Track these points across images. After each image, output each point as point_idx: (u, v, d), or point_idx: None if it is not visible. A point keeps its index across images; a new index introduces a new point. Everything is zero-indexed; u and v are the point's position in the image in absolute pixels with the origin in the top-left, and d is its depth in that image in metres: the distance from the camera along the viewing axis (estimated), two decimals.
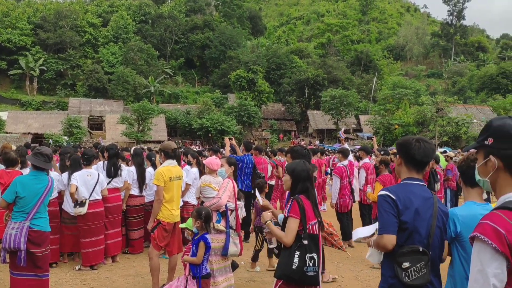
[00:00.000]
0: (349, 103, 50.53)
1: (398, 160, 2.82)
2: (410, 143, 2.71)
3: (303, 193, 3.57)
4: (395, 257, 2.55)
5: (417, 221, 2.55)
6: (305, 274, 3.31)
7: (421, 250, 2.51)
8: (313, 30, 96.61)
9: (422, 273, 2.49)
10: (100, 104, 56.60)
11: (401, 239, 2.55)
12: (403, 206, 2.56)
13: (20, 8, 72.01)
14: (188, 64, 76.00)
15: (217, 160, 5.40)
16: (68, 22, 67.01)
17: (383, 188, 2.73)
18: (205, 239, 4.60)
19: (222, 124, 46.68)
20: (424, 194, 2.65)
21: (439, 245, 2.65)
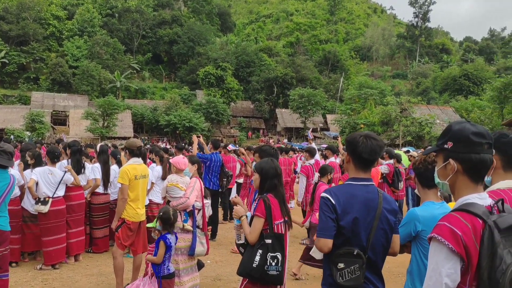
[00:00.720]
0: (316, 102, 51.12)
1: (346, 158, 2.81)
2: (358, 141, 2.70)
3: (271, 192, 3.56)
4: (331, 257, 2.60)
5: (356, 226, 2.57)
6: (266, 272, 3.31)
7: (355, 253, 2.55)
8: (282, 28, 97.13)
9: (356, 275, 2.53)
10: (64, 99, 55.16)
11: (339, 241, 2.59)
12: (342, 211, 2.57)
13: None
14: (155, 59, 75.04)
15: (184, 159, 5.34)
16: (31, 14, 64.91)
17: (325, 190, 2.71)
18: (165, 239, 4.56)
19: (190, 121, 46.37)
20: (368, 196, 2.65)
21: (382, 246, 2.67)
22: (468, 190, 1.93)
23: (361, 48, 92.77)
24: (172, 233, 4.69)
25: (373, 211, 2.62)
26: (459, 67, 69.69)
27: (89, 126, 44.14)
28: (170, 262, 4.63)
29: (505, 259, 1.68)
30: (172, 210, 4.78)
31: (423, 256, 2.77)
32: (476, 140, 1.91)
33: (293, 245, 7.90)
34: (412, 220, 2.85)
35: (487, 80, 53.15)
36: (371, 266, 2.61)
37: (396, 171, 9.74)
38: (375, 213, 2.62)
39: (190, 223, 4.90)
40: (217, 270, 6.79)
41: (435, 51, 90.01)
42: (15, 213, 6.50)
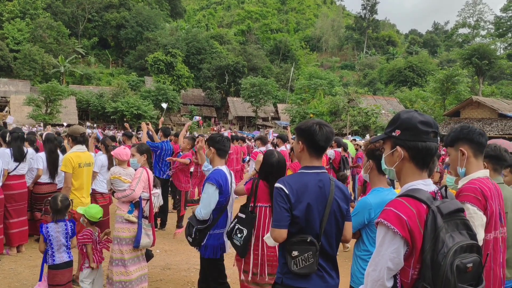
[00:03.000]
0: (268, 91, 51.46)
1: (299, 146, 2.78)
2: (314, 129, 2.72)
3: (264, 180, 3.90)
4: (286, 245, 2.64)
5: (309, 214, 2.61)
6: (232, 239, 3.82)
7: (308, 240, 2.59)
8: (234, 16, 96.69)
9: (310, 263, 2.58)
10: (4, 84, 52.44)
11: (293, 230, 2.62)
12: (295, 200, 2.59)
13: None
14: (101, 44, 72.68)
15: (125, 150, 5.17)
16: None
17: (278, 180, 2.72)
18: (41, 227, 4.40)
19: (138, 108, 45.44)
20: (320, 184, 2.67)
21: (335, 233, 2.72)
22: (414, 176, 1.99)
23: (311, 39, 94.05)
24: (59, 221, 4.43)
25: (325, 199, 2.65)
26: (404, 59, 72.24)
27: (31, 113, 42.26)
28: (56, 251, 4.42)
29: (447, 243, 1.76)
30: (61, 196, 4.57)
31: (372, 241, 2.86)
32: (423, 129, 1.97)
33: None
34: (365, 208, 2.92)
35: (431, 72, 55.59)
36: (324, 254, 2.65)
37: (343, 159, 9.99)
38: (326, 200, 2.65)
39: (136, 213, 4.78)
40: (166, 259, 6.72)
41: (382, 43, 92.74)
42: None
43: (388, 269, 1.82)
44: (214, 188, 3.97)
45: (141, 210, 4.77)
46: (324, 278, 2.66)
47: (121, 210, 4.80)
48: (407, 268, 1.83)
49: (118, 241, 4.75)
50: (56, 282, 4.36)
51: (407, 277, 1.84)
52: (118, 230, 4.76)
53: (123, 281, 4.70)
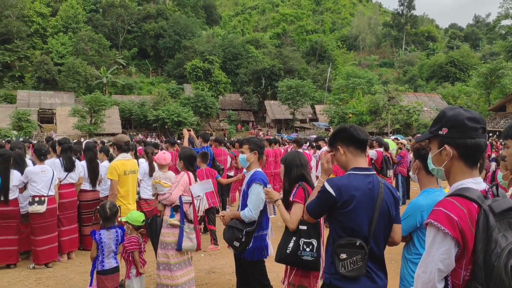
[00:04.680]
0: (305, 93, 51.14)
1: (340, 152, 2.78)
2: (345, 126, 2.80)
3: (303, 180, 3.70)
4: (334, 247, 2.62)
5: (358, 217, 2.59)
6: (300, 258, 3.38)
7: (357, 244, 2.57)
8: (268, 20, 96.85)
9: (358, 266, 2.55)
10: (50, 97, 54.55)
11: (341, 232, 2.61)
12: (342, 204, 2.58)
13: None
14: (141, 54, 74.45)
15: (164, 155, 5.31)
16: (14, 12, 63.90)
17: (328, 180, 2.71)
18: (93, 234, 4.54)
19: (178, 115, 46.16)
20: (369, 186, 2.65)
21: (384, 236, 2.70)
22: (464, 175, 1.94)
23: (347, 38, 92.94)
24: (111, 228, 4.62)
25: (374, 202, 2.63)
26: (445, 54, 70.16)
27: (76, 124, 43.76)
28: (106, 257, 4.57)
29: (500, 243, 1.70)
30: (109, 204, 4.73)
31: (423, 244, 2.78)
32: (471, 125, 1.91)
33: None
34: (416, 210, 2.84)
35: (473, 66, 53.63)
36: (372, 255, 2.63)
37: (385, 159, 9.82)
38: (376, 202, 2.63)
39: (177, 217, 4.86)
40: (211, 263, 6.80)
41: (421, 39, 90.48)
42: (14, 214, 6.45)
43: (439, 271, 1.78)
44: (262, 188, 4.00)
45: (182, 213, 4.85)
46: (373, 279, 2.63)
47: (165, 214, 4.91)
48: (459, 269, 1.78)
49: (164, 245, 4.85)
50: (105, 287, 4.50)
51: (458, 279, 1.79)
52: (163, 235, 4.87)
53: (170, 285, 4.79)
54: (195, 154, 5.27)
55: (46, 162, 6.71)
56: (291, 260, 3.43)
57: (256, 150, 4.30)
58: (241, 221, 4.07)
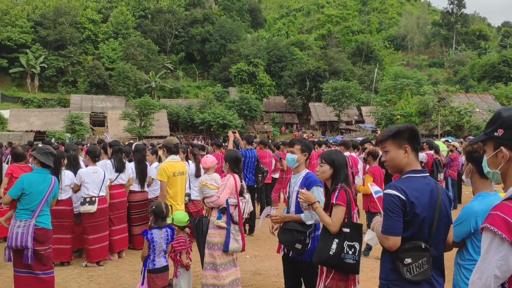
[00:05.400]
0: (350, 95, 50.39)
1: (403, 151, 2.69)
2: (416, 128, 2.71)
3: (345, 182, 3.63)
4: (397, 253, 2.55)
5: (422, 219, 2.54)
6: (343, 260, 3.34)
7: (423, 247, 2.52)
8: (313, 21, 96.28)
9: (424, 269, 2.50)
10: (101, 101, 56.61)
11: (404, 235, 2.55)
12: (410, 207, 2.52)
13: (19, 6, 71.86)
14: (188, 58, 75.86)
15: (209, 157, 5.39)
16: (67, 19, 66.84)
17: (389, 186, 2.63)
18: (145, 234, 4.64)
19: (223, 118, 46.69)
20: (428, 187, 2.61)
21: (443, 238, 2.64)
22: None
23: (395, 38, 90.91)
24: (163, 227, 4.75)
25: (434, 203, 2.58)
26: (497, 54, 67.27)
27: (126, 126, 45.13)
28: (157, 256, 4.68)
29: None
30: (164, 203, 4.86)
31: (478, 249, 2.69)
32: None
33: None
34: (470, 216, 2.75)
35: None
36: (434, 260, 2.59)
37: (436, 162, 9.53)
38: (436, 204, 2.58)
39: (224, 219, 4.92)
40: (256, 264, 6.82)
41: (472, 38, 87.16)
42: (67, 213, 6.74)
43: (495, 277, 1.70)
44: (322, 189, 3.98)
45: (229, 215, 4.90)
46: (433, 285, 2.58)
47: (212, 216, 4.98)
48: None
49: (211, 246, 4.91)
50: (155, 286, 4.63)
51: None
52: (210, 236, 4.93)
53: (216, 285, 4.84)
54: (240, 156, 5.31)
55: (98, 164, 6.98)
56: (333, 263, 3.38)
57: (306, 152, 4.29)
58: (300, 223, 4.01)
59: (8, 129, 46.63)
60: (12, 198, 4.70)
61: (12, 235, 4.59)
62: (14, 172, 7.15)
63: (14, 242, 4.58)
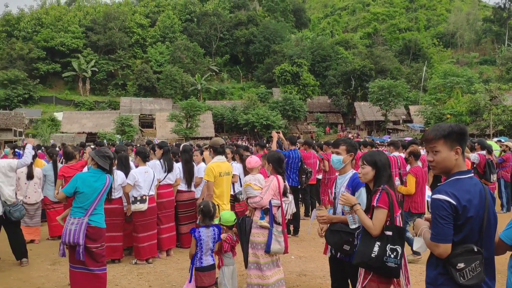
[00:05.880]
0: (398, 94, 49.16)
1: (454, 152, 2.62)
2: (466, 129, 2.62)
3: (387, 183, 3.55)
4: (448, 258, 2.50)
5: (473, 221, 2.48)
6: (385, 264, 3.30)
7: (475, 250, 2.45)
8: (359, 20, 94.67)
9: (477, 272, 2.44)
10: (150, 103, 58.15)
11: (455, 239, 2.49)
12: (462, 210, 2.46)
13: (71, 12, 75.04)
14: (233, 60, 76.55)
15: (254, 158, 5.43)
16: (117, 24, 69.09)
17: (438, 190, 2.57)
18: (193, 232, 4.75)
19: (267, 119, 46.77)
20: (476, 188, 2.54)
21: (493, 239, 2.57)
22: None
23: (444, 35, 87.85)
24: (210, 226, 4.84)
25: (483, 203, 2.52)
26: None
27: (174, 128, 46.08)
28: (204, 254, 4.76)
29: None
30: (211, 203, 4.96)
31: None
32: None
33: None
34: None
35: None
36: (486, 263, 2.53)
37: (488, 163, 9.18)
38: (484, 205, 2.52)
39: (267, 219, 4.95)
40: (301, 265, 6.81)
41: None
42: (119, 212, 7.02)
43: None
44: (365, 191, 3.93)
45: (271, 216, 4.93)
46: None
47: (255, 216, 5.03)
48: None
49: (254, 245, 4.96)
50: (203, 284, 4.73)
51: None
52: (253, 235, 4.98)
53: (261, 285, 4.88)
54: (282, 157, 5.33)
55: (148, 164, 7.21)
56: (374, 265, 3.33)
57: (352, 152, 4.25)
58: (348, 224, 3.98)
59: (62, 130, 48.78)
60: (66, 195, 4.92)
61: (66, 231, 4.79)
62: (65, 173, 7.60)
63: (68, 238, 4.77)
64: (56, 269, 6.69)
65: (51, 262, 7.06)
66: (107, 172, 5.16)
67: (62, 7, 79.69)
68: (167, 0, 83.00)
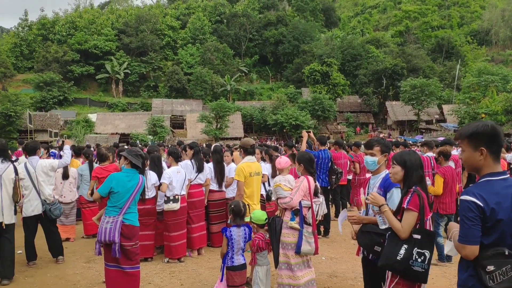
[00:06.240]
0: (431, 92, 48.13)
1: (479, 153, 2.56)
2: (498, 130, 2.53)
3: (418, 185, 3.46)
4: (478, 260, 2.45)
5: (504, 224, 2.41)
6: (410, 267, 3.22)
7: (506, 253, 2.40)
8: (390, 18, 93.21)
9: (508, 277, 2.37)
10: (180, 104, 58.89)
11: (485, 242, 2.44)
12: (490, 213, 2.40)
13: (104, 15, 76.73)
14: (262, 60, 76.67)
15: (284, 159, 5.42)
16: (148, 26, 70.28)
17: (466, 191, 2.52)
18: (224, 231, 4.80)
19: (296, 119, 46.60)
20: (508, 191, 2.47)
21: None
22: None
23: (478, 32, 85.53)
24: (241, 226, 4.88)
25: None
26: None
27: (204, 128, 46.53)
28: (235, 254, 4.80)
29: None
30: (242, 202, 4.98)
31: None
32: None
33: None
34: None
35: None
36: None
37: None
38: None
39: (297, 220, 4.94)
40: (332, 266, 6.78)
41: None
42: (152, 211, 7.17)
43: None
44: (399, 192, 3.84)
45: (301, 217, 4.91)
46: None
47: (286, 216, 5.04)
48: None
49: (284, 245, 4.96)
50: (234, 283, 4.77)
51: None
52: (283, 235, 4.98)
53: (292, 285, 4.88)
54: (313, 157, 5.31)
55: (180, 164, 7.32)
56: (399, 268, 3.26)
57: (386, 152, 4.19)
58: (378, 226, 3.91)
59: (96, 131, 49.98)
60: (101, 195, 5.06)
61: (101, 230, 4.91)
62: (98, 174, 7.80)
63: (103, 237, 4.89)
64: (91, 267, 6.87)
65: (86, 260, 7.26)
66: (140, 172, 5.27)
67: (95, 10, 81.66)
68: (197, 2, 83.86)
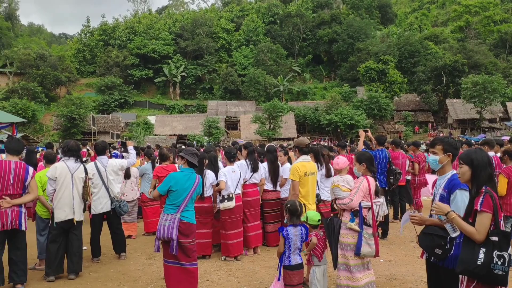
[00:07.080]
0: (494, 90, 45.79)
1: None
2: None
3: (488, 184, 3.32)
4: None
5: None
6: (492, 271, 3.10)
7: None
8: (449, 13, 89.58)
9: None
10: (234, 105, 59.69)
11: None
12: None
13: (162, 20, 79.04)
14: (315, 60, 76.07)
15: (342, 159, 5.33)
16: (204, 30, 71.69)
17: None
18: (281, 230, 4.77)
19: (351, 118, 45.85)
20: None
21: None
22: None
23: None
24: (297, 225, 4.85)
25: None
26: None
27: (257, 129, 46.87)
28: (292, 253, 4.76)
29: None
30: (298, 202, 4.94)
31: None
32: None
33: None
34: None
35: None
36: None
37: None
38: None
39: (357, 222, 4.86)
40: (391, 269, 6.61)
41: None
42: (210, 209, 7.32)
43: None
44: (467, 193, 3.64)
45: (361, 218, 4.83)
46: None
47: (344, 217, 4.97)
48: None
49: (343, 246, 4.90)
50: (291, 283, 4.77)
51: None
52: (342, 236, 4.92)
53: (350, 286, 4.81)
54: (373, 156, 5.22)
55: (235, 164, 7.43)
56: (481, 273, 3.11)
57: (450, 152, 4.01)
58: (441, 228, 3.76)
59: (155, 133, 51.72)
60: (160, 194, 5.24)
61: (160, 227, 5.09)
62: (159, 173, 8.13)
63: (162, 234, 5.05)
64: (152, 263, 7.09)
65: (147, 257, 7.51)
66: (198, 171, 5.41)
67: (153, 15, 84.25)
68: (251, 4, 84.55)
